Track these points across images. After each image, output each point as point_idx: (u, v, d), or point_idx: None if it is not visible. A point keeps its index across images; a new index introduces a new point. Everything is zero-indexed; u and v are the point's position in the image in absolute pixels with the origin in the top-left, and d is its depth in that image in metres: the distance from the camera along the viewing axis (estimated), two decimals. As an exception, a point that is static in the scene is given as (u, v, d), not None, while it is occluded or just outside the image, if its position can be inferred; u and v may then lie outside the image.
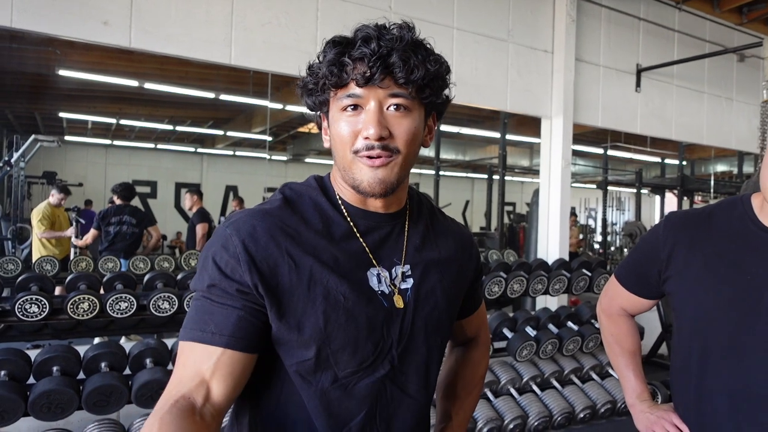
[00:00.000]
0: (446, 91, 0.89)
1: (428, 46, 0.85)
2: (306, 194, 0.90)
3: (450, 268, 0.98)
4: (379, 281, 0.88)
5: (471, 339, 1.17)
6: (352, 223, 0.89)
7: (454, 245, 1.00)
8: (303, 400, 0.85)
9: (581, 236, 9.34)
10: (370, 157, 0.82)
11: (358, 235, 0.89)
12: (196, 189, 5.96)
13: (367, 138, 0.81)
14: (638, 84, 4.98)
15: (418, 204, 0.99)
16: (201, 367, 0.77)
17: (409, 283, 0.91)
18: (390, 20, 0.84)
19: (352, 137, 0.82)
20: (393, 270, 0.90)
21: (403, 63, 0.79)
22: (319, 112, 0.90)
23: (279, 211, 0.86)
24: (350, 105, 0.82)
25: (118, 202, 5.06)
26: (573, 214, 8.67)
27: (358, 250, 0.88)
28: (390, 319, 0.88)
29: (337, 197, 0.90)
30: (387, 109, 0.82)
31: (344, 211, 0.89)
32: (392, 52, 0.79)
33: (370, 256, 0.89)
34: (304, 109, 0.92)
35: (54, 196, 5.30)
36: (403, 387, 0.90)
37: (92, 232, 4.96)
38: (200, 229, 5.48)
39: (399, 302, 0.89)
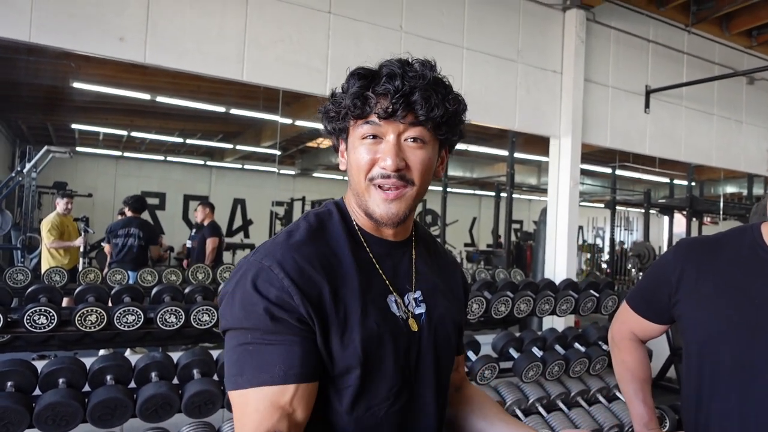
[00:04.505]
0: (461, 128, 0.91)
1: (447, 83, 0.87)
2: (328, 223, 0.92)
3: (452, 295, 1.00)
4: (397, 307, 0.89)
5: (459, 384, 1.12)
6: (369, 251, 0.90)
7: (452, 275, 1.04)
8: (333, 428, 0.84)
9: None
10: (384, 187, 0.84)
11: (375, 262, 0.90)
12: (208, 202, 5.97)
13: (384, 168, 0.83)
14: (647, 105, 4.98)
15: (422, 233, 1.02)
16: (278, 404, 0.77)
17: (422, 308, 0.92)
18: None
19: (369, 165, 0.85)
20: (405, 296, 0.91)
21: (424, 101, 0.82)
22: (337, 137, 0.92)
23: (310, 242, 0.86)
24: (370, 134, 0.84)
25: (129, 214, 5.11)
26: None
27: (378, 278, 0.89)
28: (409, 346, 0.88)
29: (354, 224, 0.92)
30: (404, 140, 0.84)
31: (362, 238, 0.91)
32: (414, 90, 0.81)
33: (387, 282, 0.90)
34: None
35: (59, 204, 5.35)
36: (422, 412, 0.90)
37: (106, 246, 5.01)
38: (210, 243, 5.49)
39: (414, 326, 0.90)
